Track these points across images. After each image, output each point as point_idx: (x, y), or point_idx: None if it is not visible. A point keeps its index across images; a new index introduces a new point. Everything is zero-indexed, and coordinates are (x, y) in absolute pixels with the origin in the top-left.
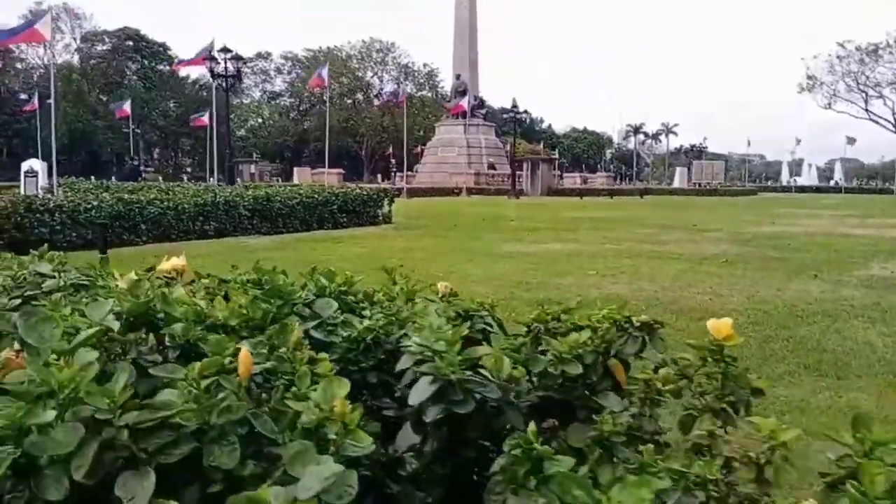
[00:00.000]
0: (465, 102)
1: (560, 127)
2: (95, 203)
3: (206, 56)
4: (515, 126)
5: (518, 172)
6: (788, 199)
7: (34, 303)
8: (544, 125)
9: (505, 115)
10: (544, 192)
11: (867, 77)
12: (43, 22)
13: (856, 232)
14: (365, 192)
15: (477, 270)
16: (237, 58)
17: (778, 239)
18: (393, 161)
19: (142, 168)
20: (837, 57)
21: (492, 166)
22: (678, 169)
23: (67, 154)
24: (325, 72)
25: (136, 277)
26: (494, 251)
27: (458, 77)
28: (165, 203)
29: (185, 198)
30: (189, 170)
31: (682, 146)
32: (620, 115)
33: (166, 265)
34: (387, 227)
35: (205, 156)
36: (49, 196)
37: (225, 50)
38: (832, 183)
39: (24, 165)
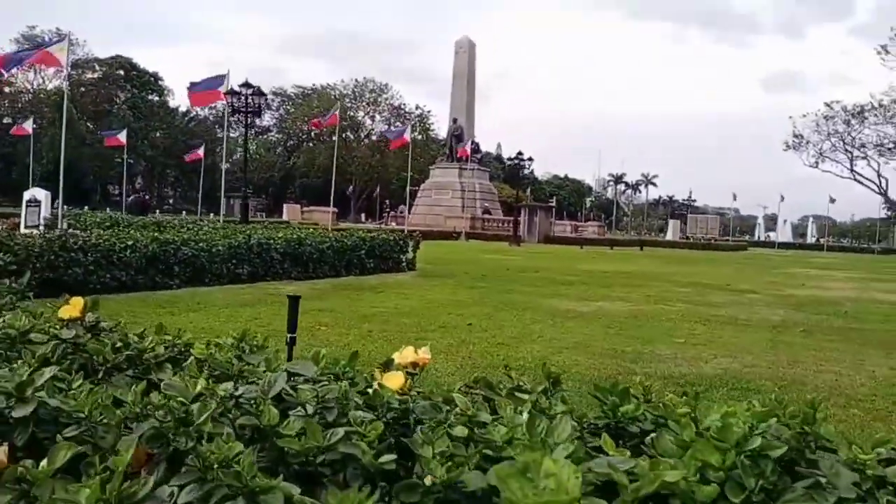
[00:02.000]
0: (468, 147)
1: (540, 173)
2: (131, 243)
3: (228, 91)
4: (521, 173)
5: (518, 219)
6: (782, 257)
7: None
8: (526, 171)
9: (509, 162)
10: (541, 239)
11: (853, 138)
12: (59, 46)
13: (894, 298)
14: (391, 238)
15: (553, 333)
16: (259, 93)
17: (829, 305)
18: (387, 202)
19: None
20: (824, 117)
21: (487, 211)
22: (671, 222)
23: (53, 182)
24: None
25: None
26: (550, 309)
27: (454, 121)
28: (200, 244)
29: (218, 238)
30: (171, 201)
31: (660, 197)
32: (599, 163)
33: (407, 356)
34: (412, 273)
35: (188, 188)
36: (79, 233)
37: (247, 85)
38: (812, 240)
39: (27, 195)
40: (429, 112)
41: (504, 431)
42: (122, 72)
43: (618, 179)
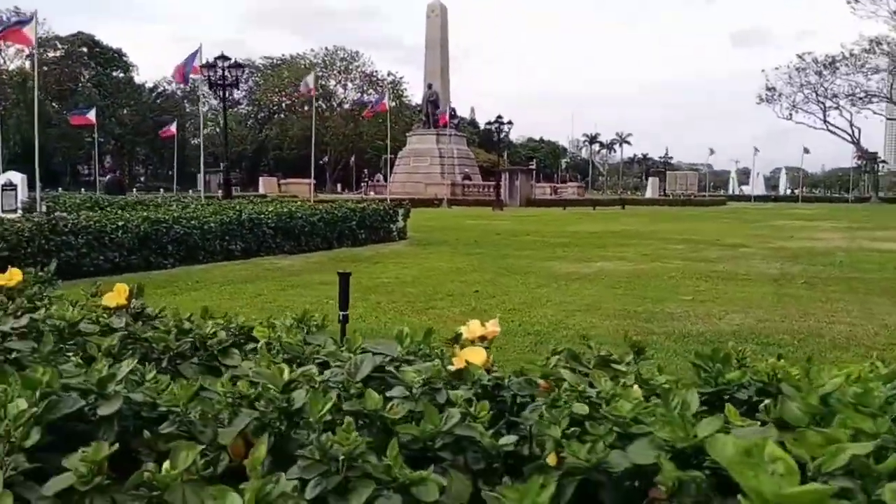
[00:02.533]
0: (446, 114)
1: (515, 136)
2: (122, 223)
3: (204, 64)
4: (499, 137)
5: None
6: (761, 210)
7: None
8: (502, 135)
9: (487, 126)
10: (523, 202)
11: (825, 89)
12: (30, 26)
13: (883, 246)
14: (382, 208)
15: (560, 297)
16: (236, 65)
17: (822, 255)
18: (365, 172)
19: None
20: (796, 69)
21: (467, 176)
22: (650, 179)
23: (20, 164)
24: (311, 79)
25: None
26: (551, 272)
27: (429, 87)
28: (192, 222)
29: (208, 215)
30: (143, 179)
31: (635, 155)
32: (572, 125)
33: (475, 330)
34: (404, 242)
35: (159, 165)
36: (65, 215)
37: (223, 58)
38: (785, 192)
39: (2, 178)
40: (401, 78)
41: (629, 407)
42: (84, 49)
43: (592, 139)
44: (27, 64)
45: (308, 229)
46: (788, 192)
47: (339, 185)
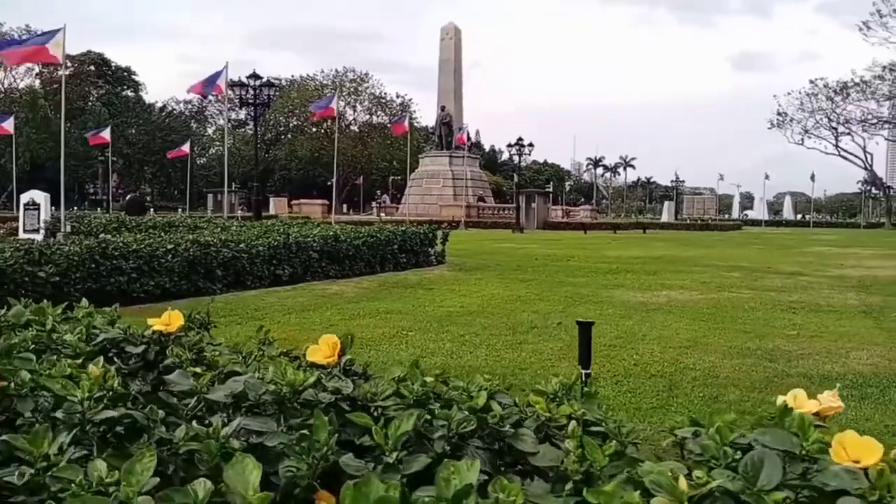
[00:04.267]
0: (464, 135)
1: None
2: (171, 247)
3: (237, 83)
4: (519, 159)
5: (514, 206)
6: (784, 235)
7: None
8: (504, 157)
9: (507, 148)
10: (540, 225)
11: (837, 114)
12: (55, 41)
13: None
14: (421, 231)
15: (652, 330)
16: (268, 84)
17: (893, 285)
18: (378, 193)
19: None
20: (808, 94)
21: (481, 198)
22: (666, 203)
23: (28, 182)
24: (334, 101)
25: None
26: (622, 301)
27: (442, 108)
28: (241, 246)
29: (255, 238)
30: (149, 198)
31: (639, 179)
32: (574, 148)
33: (807, 404)
34: (444, 267)
35: (166, 184)
36: (111, 238)
37: (254, 76)
38: (795, 217)
39: (24, 197)
40: (410, 100)
41: None
42: (93, 67)
43: (596, 163)
44: (37, 82)
45: (352, 253)
46: (794, 217)
47: (344, 206)
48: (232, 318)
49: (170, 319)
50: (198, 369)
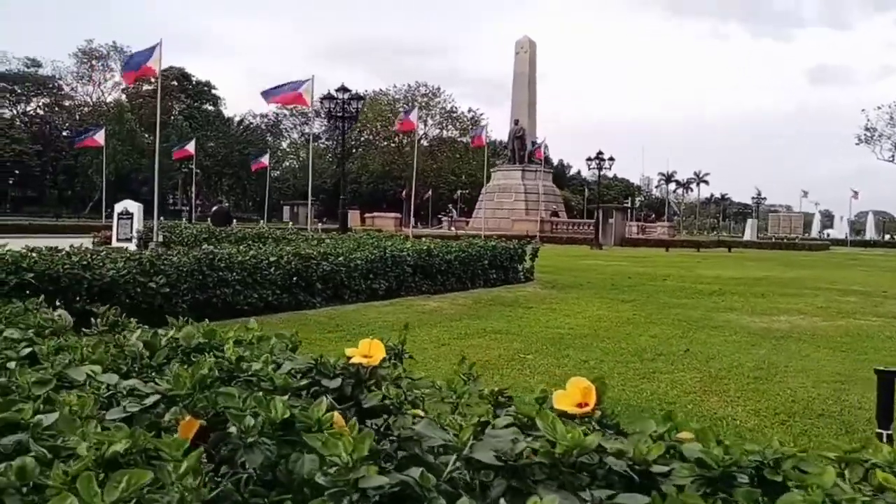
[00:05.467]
0: (541, 150)
1: (587, 174)
2: (274, 259)
3: (326, 96)
4: (599, 173)
5: (591, 221)
6: (879, 257)
7: None
8: (573, 171)
9: (588, 161)
10: (618, 242)
11: None
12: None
13: None
14: (511, 246)
15: (791, 361)
16: (357, 97)
17: None
18: (450, 206)
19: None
20: None
21: (555, 213)
22: (749, 221)
23: (113, 193)
24: (414, 115)
25: None
26: (741, 326)
27: (516, 122)
28: (340, 259)
29: (350, 252)
30: (212, 210)
31: (712, 195)
32: (643, 162)
33: None
34: (534, 284)
35: (242, 196)
36: (212, 248)
37: (343, 89)
38: (882, 237)
39: (118, 207)
40: (481, 115)
41: None
42: (175, 82)
43: (669, 178)
44: (123, 96)
45: (444, 268)
46: (877, 237)
47: (414, 220)
48: (339, 334)
49: (370, 349)
50: (418, 411)
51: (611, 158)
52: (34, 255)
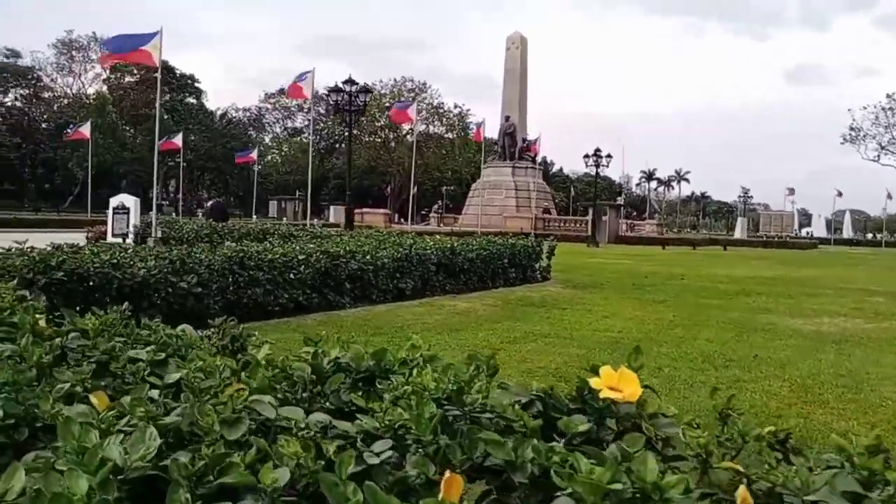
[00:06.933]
0: (537, 145)
1: (569, 171)
2: (303, 257)
3: (334, 89)
4: (597, 171)
5: (584, 218)
6: (869, 254)
7: None
8: (555, 168)
9: (584, 158)
10: (612, 239)
11: None
12: (152, 44)
13: None
14: (529, 245)
15: (871, 368)
16: (365, 90)
17: None
18: (439, 202)
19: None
20: (883, 108)
21: (546, 210)
22: (739, 219)
23: (94, 186)
24: (412, 109)
25: None
26: (782, 328)
27: (507, 118)
28: (367, 258)
29: (374, 250)
30: (207, 204)
31: (693, 193)
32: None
33: None
34: (555, 284)
35: (224, 190)
36: (235, 246)
37: (350, 82)
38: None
39: (113, 201)
40: (468, 111)
41: None
42: (157, 74)
43: (650, 176)
44: (104, 88)
45: (466, 267)
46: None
47: (396, 216)
48: (383, 338)
49: (618, 381)
50: (732, 464)
51: (608, 156)
52: (61, 253)
